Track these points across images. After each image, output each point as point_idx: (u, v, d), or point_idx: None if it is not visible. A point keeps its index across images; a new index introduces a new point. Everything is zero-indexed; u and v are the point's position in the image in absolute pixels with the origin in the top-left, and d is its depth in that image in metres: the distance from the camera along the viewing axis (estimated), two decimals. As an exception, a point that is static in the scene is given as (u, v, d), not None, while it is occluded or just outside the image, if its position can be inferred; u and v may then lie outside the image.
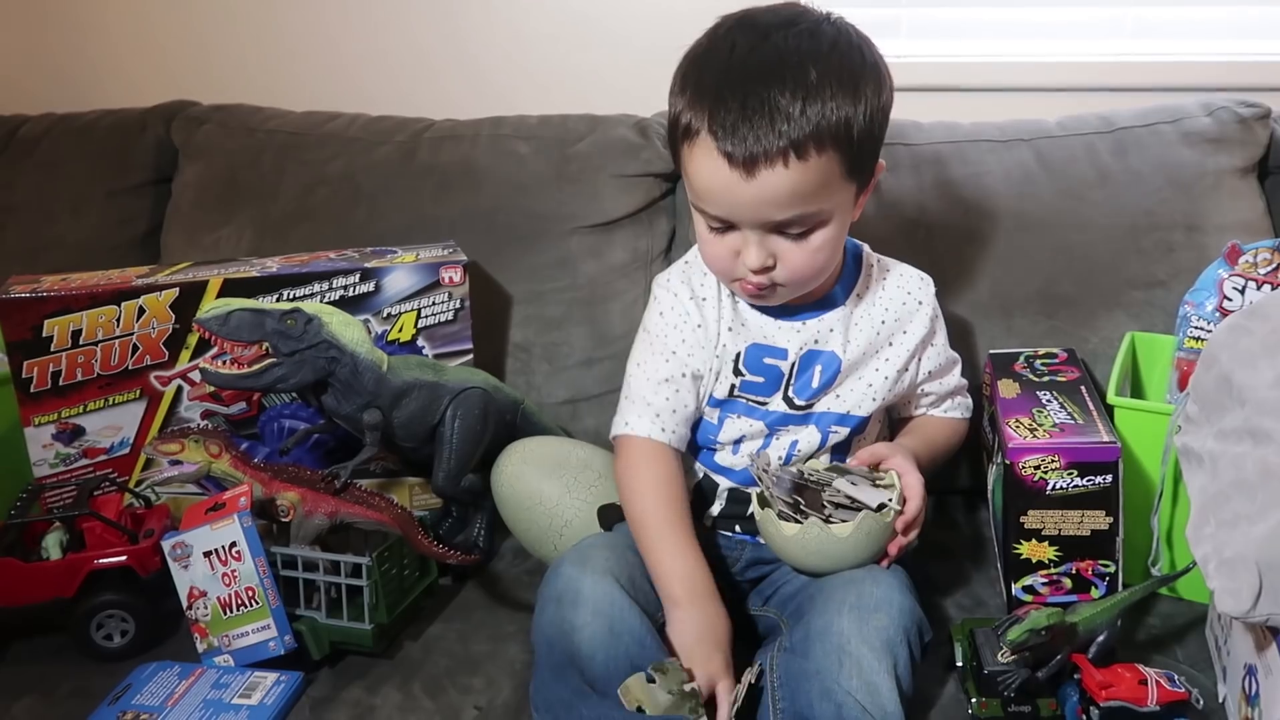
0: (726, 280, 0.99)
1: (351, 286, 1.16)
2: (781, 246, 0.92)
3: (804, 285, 0.97)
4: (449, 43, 1.58)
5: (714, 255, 0.95)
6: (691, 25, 0.98)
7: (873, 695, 0.80)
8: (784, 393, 1.00)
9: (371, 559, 0.96)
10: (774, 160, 0.86)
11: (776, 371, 1.00)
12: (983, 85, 1.49)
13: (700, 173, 0.90)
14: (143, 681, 0.94)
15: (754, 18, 0.92)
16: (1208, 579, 0.77)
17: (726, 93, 0.87)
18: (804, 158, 0.87)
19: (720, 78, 0.88)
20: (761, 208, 0.89)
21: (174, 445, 1.02)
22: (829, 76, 0.87)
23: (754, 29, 0.91)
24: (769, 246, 0.92)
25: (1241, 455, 0.77)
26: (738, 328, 1.01)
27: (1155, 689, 0.84)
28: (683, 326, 1.01)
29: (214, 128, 1.48)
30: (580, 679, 0.83)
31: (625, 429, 1.01)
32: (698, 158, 0.90)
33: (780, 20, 0.91)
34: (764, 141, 0.86)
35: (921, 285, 1.06)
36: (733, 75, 0.88)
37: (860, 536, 0.90)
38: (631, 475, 0.99)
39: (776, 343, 1.01)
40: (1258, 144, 1.29)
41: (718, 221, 0.92)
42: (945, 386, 1.08)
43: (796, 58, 0.88)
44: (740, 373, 1.00)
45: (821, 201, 0.90)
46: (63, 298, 1.09)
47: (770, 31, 0.90)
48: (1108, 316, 1.23)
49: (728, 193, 0.89)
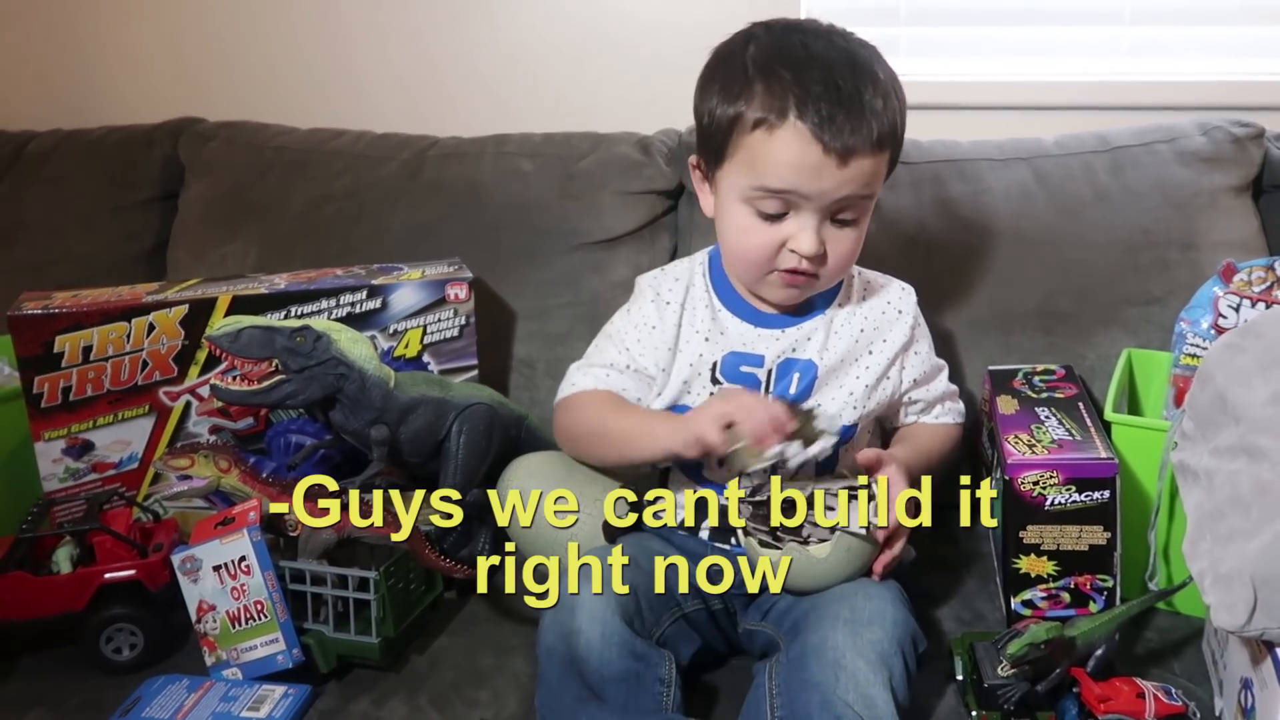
0: (762, 273, 1.01)
1: (358, 303, 1.17)
2: (831, 234, 0.98)
3: (837, 276, 1.03)
4: (454, 61, 1.60)
5: (759, 245, 0.99)
6: (694, 43, 1.00)
7: (870, 707, 0.81)
8: None
9: (378, 573, 0.97)
10: (865, 150, 0.94)
11: (753, 380, 1.03)
12: (981, 104, 1.50)
13: (782, 157, 0.94)
14: (152, 694, 0.95)
15: (798, 24, 1.00)
16: (1204, 594, 0.78)
17: (815, 83, 0.93)
18: (884, 149, 0.96)
19: (800, 68, 0.94)
20: (843, 186, 0.95)
21: (184, 460, 1.04)
22: (890, 79, 0.97)
23: (808, 32, 0.98)
24: (823, 234, 0.97)
25: (1237, 472, 0.78)
26: (715, 337, 1.04)
27: (1153, 702, 0.85)
28: (641, 326, 1.07)
29: (220, 144, 1.49)
30: (581, 684, 0.85)
31: (571, 389, 1.08)
32: (780, 144, 0.94)
33: (822, 27, 0.99)
34: (860, 131, 0.93)
35: (902, 295, 1.09)
36: (814, 67, 0.94)
37: (840, 554, 0.91)
38: (572, 400, 1.07)
39: (754, 350, 1.04)
40: (1252, 163, 1.31)
41: (776, 209, 0.97)
42: (933, 393, 1.10)
43: (864, 57, 0.97)
44: (718, 381, 1.03)
45: (876, 189, 0.99)
46: (74, 314, 1.10)
47: (827, 34, 0.98)
48: (1105, 333, 1.25)
49: (813, 176, 0.94)
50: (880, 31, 1.48)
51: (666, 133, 1.45)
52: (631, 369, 1.06)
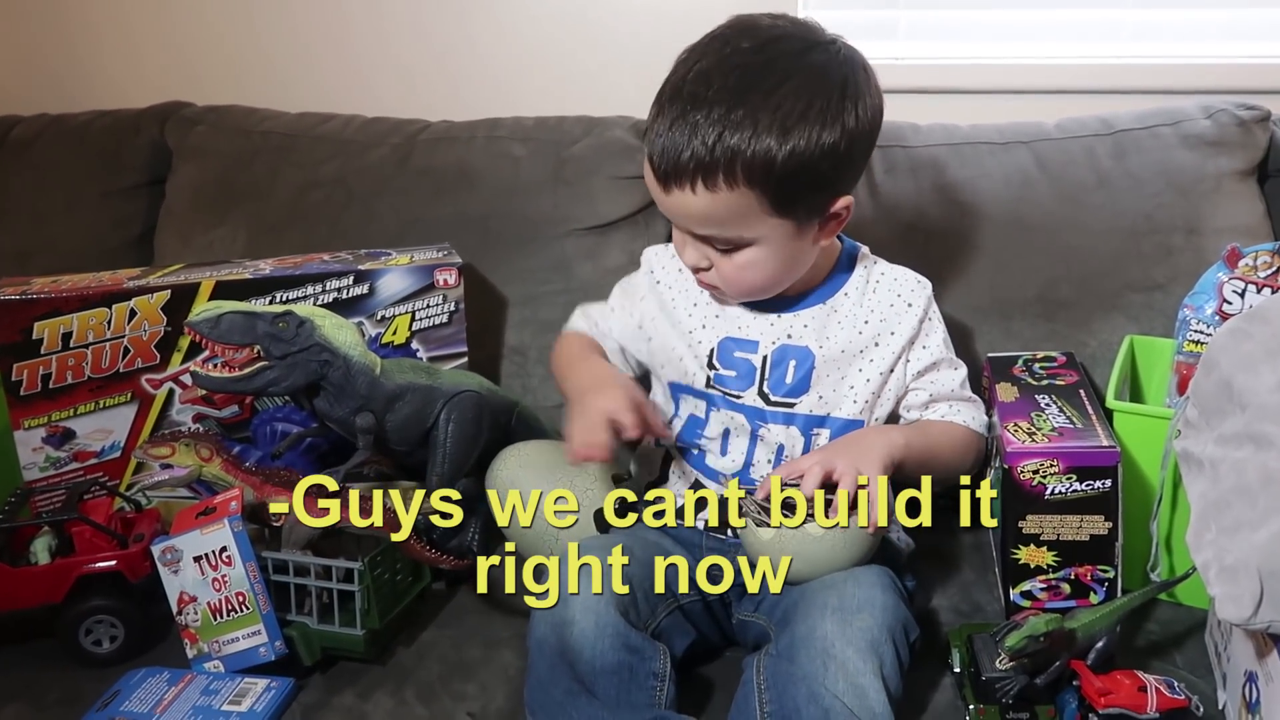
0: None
1: (345, 289, 1.15)
2: (712, 255, 0.95)
3: (743, 294, 1.00)
4: (444, 45, 1.57)
5: (677, 246, 1.00)
6: (687, 26, 0.98)
7: (859, 697, 0.79)
8: (759, 388, 1.01)
9: (364, 564, 0.95)
10: (683, 182, 0.89)
11: (748, 365, 1.01)
12: (981, 88, 1.48)
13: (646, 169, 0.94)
14: (132, 688, 0.93)
15: (748, 27, 0.93)
16: (1208, 585, 0.77)
17: (668, 103, 0.90)
18: (712, 187, 0.89)
19: (673, 86, 0.91)
20: (678, 219, 0.95)
21: (165, 449, 1.02)
22: (762, 112, 0.86)
23: (725, 44, 0.92)
24: (703, 250, 0.95)
25: (1242, 460, 0.77)
26: (711, 320, 1.03)
27: (1155, 696, 0.83)
28: (631, 294, 1.10)
29: (208, 129, 1.47)
30: (572, 677, 0.83)
31: (567, 326, 1.15)
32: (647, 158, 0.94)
33: (764, 39, 0.91)
34: (679, 162, 0.88)
35: (917, 288, 1.04)
36: (681, 86, 0.90)
37: (837, 535, 0.89)
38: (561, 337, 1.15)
39: (749, 335, 1.02)
40: (1257, 147, 1.28)
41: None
42: (937, 387, 1.04)
43: (742, 85, 0.87)
44: (714, 366, 1.02)
45: (740, 229, 0.92)
46: (53, 300, 1.08)
47: (737, 51, 0.90)
48: (1107, 320, 1.23)
49: (656, 197, 0.94)
50: (879, 15, 1.49)
51: (661, 117, 1.42)
52: (618, 326, 1.11)
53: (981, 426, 1.05)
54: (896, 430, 1.00)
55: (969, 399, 1.06)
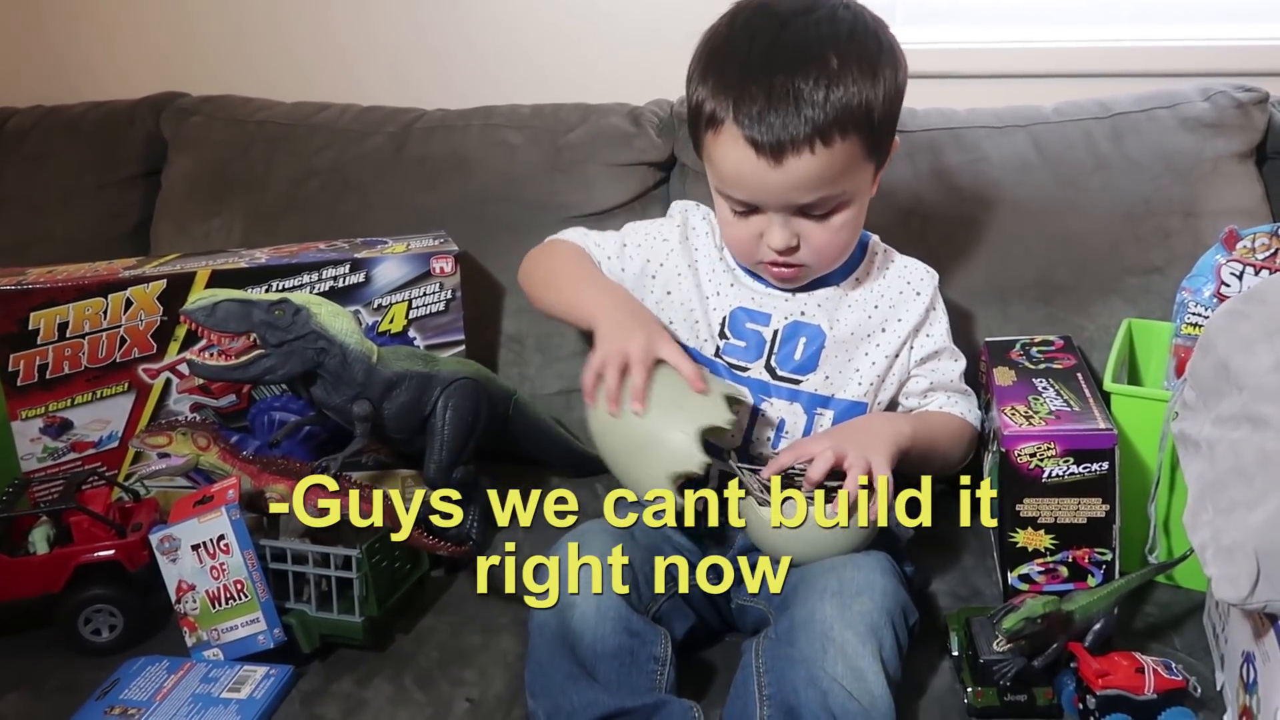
0: (750, 262, 1.01)
1: (342, 277, 1.15)
2: (805, 227, 0.95)
3: (829, 264, 1.00)
4: (439, 33, 1.57)
5: (738, 238, 0.99)
6: (684, 12, 0.98)
7: (858, 680, 0.79)
8: (766, 361, 1.02)
9: (362, 551, 0.95)
10: (800, 147, 0.89)
11: (758, 337, 1.02)
12: (979, 71, 1.48)
13: (726, 160, 0.92)
14: (131, 676, 0.93)
15: (772, 5, 0.94)
16: (1205, 566, 0.77)
17: (751, 82, 0.89)
18: (829, 143, 0.89)
19: (743, 66, 0.91)
20: (788, 193, 0.92)
21: (162, 438, 1.01)
22: (850, 62, 0.90)
23: (773, 16, 0.93)
24: (793, 228, 0.95)
25: (1239, 441, 0.77)
26: (727, 289, 1.04)
27: (1152, 677, 0.83)
28: (654, 235, 1.08)
29: (203, 119, 1.47)
30: (573, 660, 0.83)
31: (551, 237, 1.12)
32: (723, 145, 0.92)
33: (798, 7, 0.93)
34: (790, 129, 0.88)
35: (925, 278, 1.07)
36: (755, 64, 0.90)
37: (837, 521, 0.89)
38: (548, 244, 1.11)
39: (762, 308, 1.03)
40: (1256, 129, 1.28)
41: (742, 205, 0.95)
42: (938, 375, 1.06)
43: (818, 45, 0.90)
44: (725, 335, 1.02)
45: (845, 183, 0.93)
46: (48, 290, 1.08)
47: (789, 19, 0.92)
48: (1104, 303, 1.22)
49: (755, 179, 0.91)
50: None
51: (658, 103, 1.42)
52: (611, 259, 1.08)
53: (976, 420, 1.07)
54: (903, 420, 1.01)
55: (965, 391, 1.08)
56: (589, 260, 1.08)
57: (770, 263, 0.98)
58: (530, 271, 1.12)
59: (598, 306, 0.99)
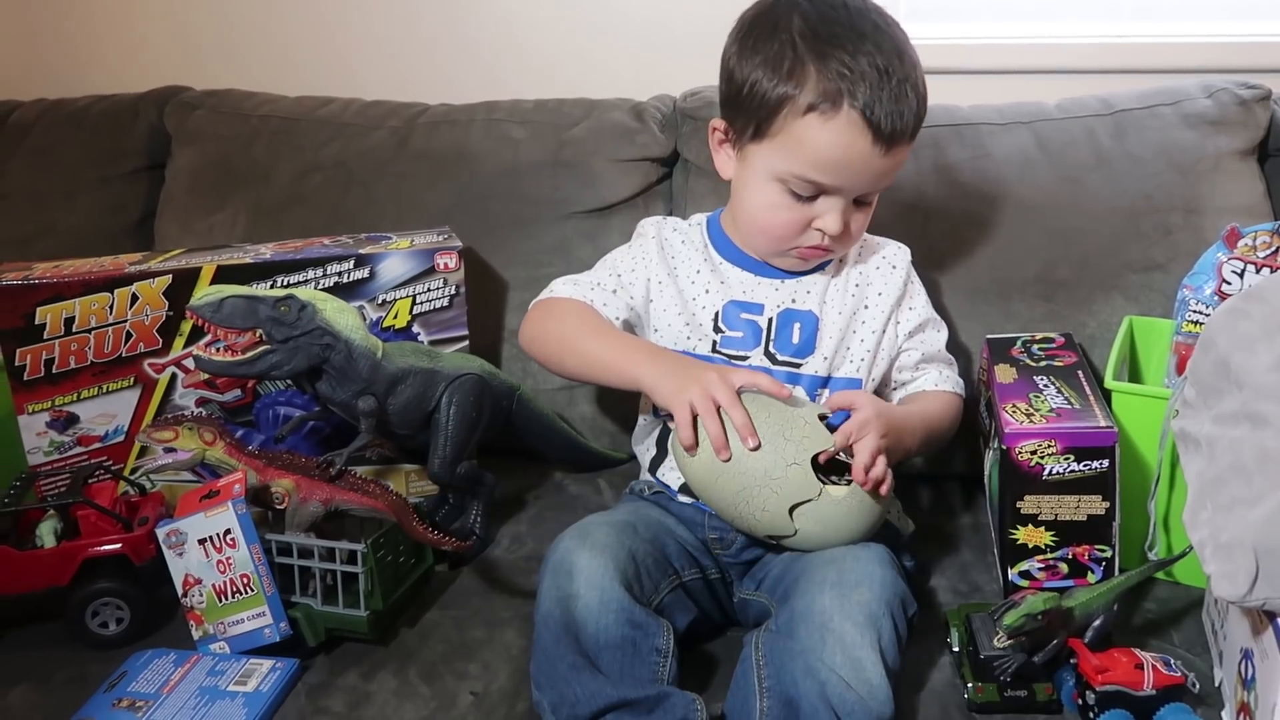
0: (783, 248, 1.03)
1: (346, 273, 1.15)
2: (850, 213, 1.00)
3: (849, 248, 1.07)
4: (444, 27, 1.57)
5: (786, 223, 1.00)
6: (689, 8, 0.98)
7: (857, 670, 0.80)
8: (765, 348, 1.04)
9: (367, 546, 0.96)
10: (905, 138, 0.96)
11: (754, 326, 1.04)
12: (981, 67, 1.48)
13: (834, 143, 0.94)
14: (138, 669, 0.94)
15: None
16: (1204, 563, 0.77)
17: (869, 68, 0.92)
18: (915, 135, 0.98)
19: (855, 52, 0.93)
20: (881, 179, 0.98)
21: (168, 433, 1.02)
22: (909, 55, 0.96)
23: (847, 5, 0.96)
24: (847, 213, 0.99)
25: (1239, 439, 0.77)
26: (715, 287, 1.06)
27: (1151, 673, 0.84)
28: (638, 258, 1.09)
29: (207, 113, 1.47)
30: (577, 650, 0.84)
31: (549, 293, 1.09)
32: (833, 128, 0.93)
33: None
34: (905, 118, 0.94)
35: (897, 252, 1.11)
36: (864, 49, 0.93)
37: (854, 502, 0.90)
38: (550, 303, 1.08)
39: (754, 299, 1.05)
40: (1258, 126, 1.28)
41: (812, 190, 0.97)
42: (927, 346, 1.10)
43: (899, 35, 0.96)
44: (720, 329, 1.04)
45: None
46: (55, 285, 1.08)
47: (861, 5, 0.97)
48: (1106, 300, 1.23)
49: (861, 162, 0.95)
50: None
51: (661, 99, 1.42)
52: (617, 292, 1.08)
53: (961, 387, 1.12)
54: (918, 419, 1.03)
55: (950, 361, 1.13)
56: (596, 315, 1.06)
57: (812, 246, 1.01)
58: (538, 337, 1.08)
59: (636, 364, 0.98)
